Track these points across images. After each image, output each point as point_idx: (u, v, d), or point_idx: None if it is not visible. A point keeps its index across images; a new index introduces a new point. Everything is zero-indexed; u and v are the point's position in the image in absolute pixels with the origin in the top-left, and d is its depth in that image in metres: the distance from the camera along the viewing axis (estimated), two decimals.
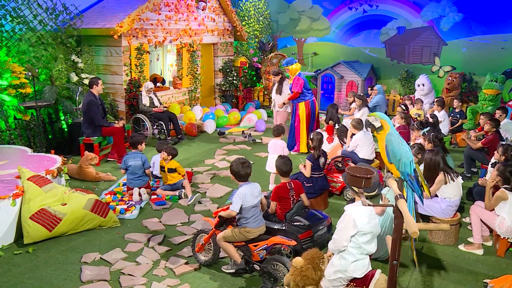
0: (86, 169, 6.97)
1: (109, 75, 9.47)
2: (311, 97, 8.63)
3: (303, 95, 8.50)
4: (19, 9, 8.04)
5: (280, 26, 14.61)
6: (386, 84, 12.84)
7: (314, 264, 3.25)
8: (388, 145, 2.61)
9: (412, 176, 2.60)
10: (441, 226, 2.21)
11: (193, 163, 8.05)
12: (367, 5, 12.76)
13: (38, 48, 8.30)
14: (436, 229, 2.36)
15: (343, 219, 3.10)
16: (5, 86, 7.81)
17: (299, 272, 3.22)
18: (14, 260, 4.67)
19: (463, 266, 4.65)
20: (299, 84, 8.39)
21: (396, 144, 2.63)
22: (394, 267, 2.26)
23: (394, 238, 2.19)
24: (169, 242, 5.09)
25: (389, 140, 2.63)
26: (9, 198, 4.98)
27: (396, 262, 2.22)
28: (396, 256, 2.20)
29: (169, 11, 10.29)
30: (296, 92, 8.41)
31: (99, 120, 7.76)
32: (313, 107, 8.63)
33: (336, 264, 3.20)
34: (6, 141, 7.61)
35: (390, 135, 2.64)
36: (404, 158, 2.59)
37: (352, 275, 3.17)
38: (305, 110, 8.53)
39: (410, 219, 2.09)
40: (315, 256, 3.30)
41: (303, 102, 8.52)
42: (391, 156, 2.60)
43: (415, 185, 2.60)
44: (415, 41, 12.23)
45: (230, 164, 4.31)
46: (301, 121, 8.57)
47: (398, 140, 2.66)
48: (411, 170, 2.61)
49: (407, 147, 2.65)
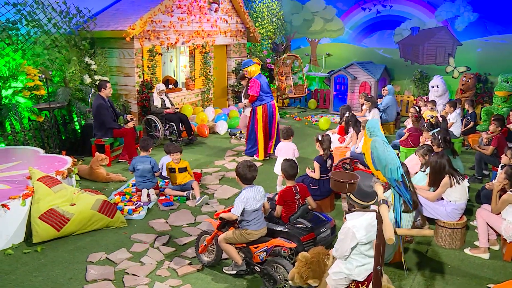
0: (96, 170, 7.09)
1: (122, 77, 9.62)
2: (270, 100, 8.16)
3: (260, 98, 8.07)
4: (34, 13, 8.21)
5: (293, 27, 14.61)
6: (400, 85, 12.74)
7: (320, 258, 3.32)
8: (373, 152, 2.62)
9: (400, 182, 2.59)
10: (424, 232, 2.20)
11: (203, 164, 8.12)
12: (380, 5, 12.67)
13: (52, 50, 8.47)
14: (419, 234, 2.35)
15: (343, 231, 3.13)
16: (20, 88, 8.01)
17: (304, 264, 3.30)
18: (22, 258, 4.79)
19: (468, 270, 4.60)
20: (255, 87, 7.98)
21: (381, 151, 2.62)
22: (378, 272, 2.26)
23: (378, 243, 2.19)
24: (174, 243, 5.15)
25: (373, 147, 2.62)
26: (19, 198, 5.11)
27: (380, 268, 2.22)
28: (380, 261, 2.20)
29: (181, 13, 10.39)
30: (252, 95, 8.04)
31: (110, 123, 7.89)
32: (271, 111, 8.16)
33: (342, 266, 3.25)
34: (21, 142, 7.80)
35: (375, 142, 2.64)
36: (390, 164, 2.59)
37: (355, 278, 3.21)
38: (262, 114, 8.12)
39: (388, 225, 2.10)
40: (321, 252, 3.39)
41: (260, 106, 8.11)
42: (377, 163, 2.60)
43: (403, 190, 2.59)
44: (429, 41, 12.10)
45: (237, 166, 4.33)
46: (259, 126, 8.16)
47: (383, 146, 2.65)
48: (399, 175, 2.61)
49: (393, 154, 2.65)
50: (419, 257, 4.85)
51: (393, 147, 8.32)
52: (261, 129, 8.16)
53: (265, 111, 8.13)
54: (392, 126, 10.40)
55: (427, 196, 5.11)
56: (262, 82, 8.12)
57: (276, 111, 8.28)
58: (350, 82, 12.29)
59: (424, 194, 5.15)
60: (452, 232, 5.00)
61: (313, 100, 13.85)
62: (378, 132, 2.71)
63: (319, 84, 14.42)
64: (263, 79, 8.22)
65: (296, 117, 12.41)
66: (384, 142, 2.70)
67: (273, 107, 8.20)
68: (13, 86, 7.95)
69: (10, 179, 5.65)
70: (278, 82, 13.21)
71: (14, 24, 7.94)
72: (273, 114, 8.22)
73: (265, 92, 8.12)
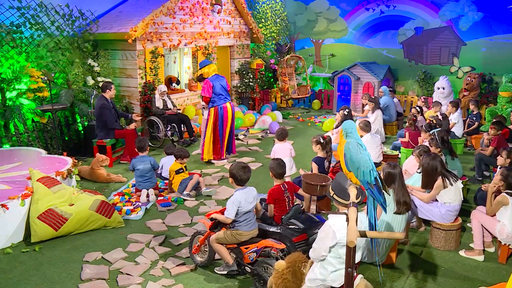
0: (97, 171, 7.17)
1: (124, 78, 9.72)
2: (222, 103, 7.94)
3: (212, 100, 7.92)
4: (38, 16, 8.33)
5: (297, 28, 14.63)
6: (404, 85, 12.70)
7: (296, 267, 3.29)
8: (346, 154, 2.63)
9: (372, 185, 2.60)
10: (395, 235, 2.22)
11: (203, 165, 8.17)
12: (384, 5, 12.65)
13: (56, 53, 8.59)
14: (389, 237, 2.37)
15: (323, 229, 3.09)
16: (24, 90, 8.13)
17: (280, 275, 3.26)
18: (21, 257, 4.88)
19: (461, 272, 4.59)
20: (206, 88, 7.83)
21: (355, 153, 2.64)
22: (349, 275, 2.27)
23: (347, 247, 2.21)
24: (169, 243, 5.21)
25: (347, 149, 2.64)
26: (18, 198, 5.21)
27: (351, 270, 2.24)
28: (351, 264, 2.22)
29: (183, 15, 10.46)
30: (204, 96, 7.92)
31: (112, 123, 7.98)
32: (221, 113, 7.96)
33: (316, 272, 3.20)
34: (25, 143, 7.93)
35: (349, 144, 2.65)
36: (363, 167, 2.60)
37: (331, 284, 3.16)
38: (212, 117, 7.97)
39: (352, 228, 2.11)
40: (297, 260, 3.33)
41: (212, 108, 7.96)
42: (350, 165, 2.61)
43: (376, 193, 2.60)
44: (433, 41, 12.05)
45: (230, 168, 4.33)
46: (208, 127, 8.02)
47: (356, 149, 2.66)
48: (371, 178, 2.62)
49: (367, 156, 2.66)
50: (412, 259, 4.84)
51: (394, 148, 8.32)
52: (209, 131, 8.01)
53: (215, 113, 7.95)
54: (395, 127, 10.38)
55: (421, 197, 5.11)
56: (215, 83, 7.90)
57: (228, 113, 8.02)
58: (353, 82, 12.28)
59: (418, 195, 5.15)
60: (447, 234, 4.99)
61: (317, 101, 13.85)
62: (354, 134, 2.72)
63: (323, 85, 14.43)
64: (218, 80, 7.98)
65: (299, 118, 12.43)
66: (358, 144, 2.71)
67: (224, 109, 7.97)
68: (17, 88, 8.07)
69: (10, 180, 5.75)
70: (281, 83, 13.24)
71: (18, 27, 8.07)
72: (224, 117, 8.00)
73: (217, 94, 7.91)
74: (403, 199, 4.40)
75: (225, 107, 7.99)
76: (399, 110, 10.85)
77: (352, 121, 2.84)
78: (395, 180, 4.46)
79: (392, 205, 4.42)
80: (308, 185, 2.48)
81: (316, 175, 2.62)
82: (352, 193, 2.51)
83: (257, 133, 10.69)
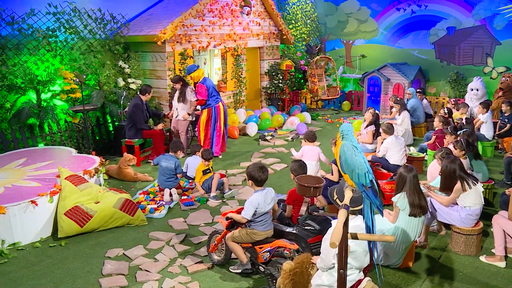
0: (124, 170, 7.40)
1: (154, 80, 9.96)
2: (215, 104, 8.53)
3: (207, 101, 8.48)
4: (72, 20, 8.68)
5: (328, 29, 14.55)
6: (435, 86, 12.43)
7: (303, 268, 3.32)
8: (341, 156, 2.65)
9: (368, 187, 2.60)
10: (386, 237, 2.21)
11: (229, 165, 8.28)
12: (415, 5, 12.41)
13: (88, 55, 8.91)
14: (380, 240, 2.37)
15: (327, 237, 3.08)
16: (58, 91, 8.48)
17: (288, 275, 3.30)
18: (48, 251, 5.12)
19: (480, 278, 4.49)
20: (203, 92, 8.35)
21: (349, 155, 2.65)
22: (341, 276, 2.29)
23: (340, 247, 2.23)
24: (189, 241, 5.33)
25: (342, 151, 2.66)
26: (47, 195, 5.46)
27: (343, 271, 2.25)
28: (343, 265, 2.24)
29: (213, 17, 10.62)
30: (201, 99, 8.42)
31: (141, 124, 8.22)
32: (215, 114, 8.54)
33: (323, 278, 3.20)
34: (58, 143, 8.27)
35: (344, 146, 2.67)
36: (358, 169, 2.61)
37: None
38: (205, 117, 8.53)
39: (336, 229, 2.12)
40: (305, 261, 3.36)
41: (206, 109, 8.52)
42: (345, 167, 2.62)
43: (371, 195, 2.60)
44: (466, 41, 11.72)
45: (248, 169, 4.36)
46: (200, 127, 8.58)
47: (351, 151, 2.67)
48: (366, 181, 2.62)
49: (362, 159, 2.66)
50: (430, 263, 4.78)
51: (421, 150, 8.18)
52: (202, 130, 8.57)
53: (209, 114, 8.53)
54: (423, 129, 10.18)
55: (441, 200, 5.02)
56: (208, 85, 8.42)
57: (221, 113, 8.60)
58: (383, 83, 12.12)
59: (438, 198, 5.07)
60: (467, 238, 4.89)
61: (347, 102, 13.75)
62: (351, 137, 2.73)
63: (353, 86, 14.30)
64: (208, 82, 8.50)
65: (328, 119, 12.38)
66: (354, 147, 2.72)
67: (217, 109, 8.55)
68: (51, 90, 8.42)
69: (41, 177, 6.03)
70: (310, 84, 13.21)
71: (54, 32, 8.42)
72: (217, 116, 8.58)
73: (211, 95, 8.46)
74: (417, 202, 4.35)
75: (218, 106, 8.59)
76: (429, 112, 10.62)
77: (349, 124, 2.85)
78: (406, 182, 4.41)
79: (408, 208, 4.38)
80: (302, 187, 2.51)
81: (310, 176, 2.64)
82: (346, 195, 2.53)
83: (285, 134, 10.73)
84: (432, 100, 12.08)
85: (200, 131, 8.63)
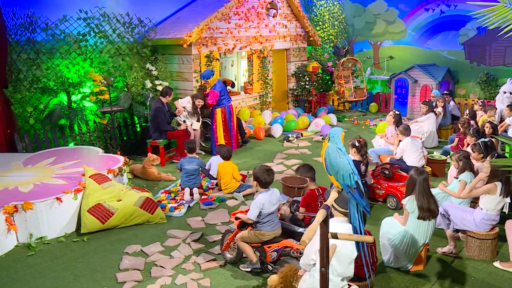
0: (148, 169, 7.64)
1: (181, 82, 10.21)
2: (227, 103, 9.10)
3: (219, 101, 8.97)
4: (101, 25, 9.03)
5: (355, 30, 14.48)
6: (465, 87, 12.16)
7: (287, 282, 3.38)
8: (326, 158, 2.70)
9: (353, 188, 2.65)
10: (365, 238, 2.24)
11: (251, 166, 8.40)
12: (444, 5, 12.20)
13: (116, 58, 9.24)
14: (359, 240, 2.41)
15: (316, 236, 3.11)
16: (88, 93, 8.83)
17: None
18: (71, 246, 5.39)
19: (493, 284, 4.43)
20: (214, 97, 8.86)
21: (334, 157, 2.70)
22: (324, 274, 2.35)
23: (321, 246, 2.29)
24: (205, 239, 5.49)
25: (327, 153, 2.71)
26: (71, 192, 5.74)
27: (324, 270, 2.31)
28: (325, 263, 2.29)
29: (238, 20, 10.78)
30: (210, 103, 8.93)
31: (164, 125, 8.46)
32: (229, 112, 9.11)
33: (306, 280, 3.24)
34: (87, 143, 8.62)
35: (328, 148, 2.72)
36: (342, 171, 2.66)
37: None
38: (221, 116, 9.03)
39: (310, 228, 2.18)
40: (289, 274, 3.42)
41: (219, 108, 9.03)
42: (329, 168, 2.68)
43: (357, 196, 2.65)
44: (497, 41, 11.42)
45: (254, 170, 4.53)
46: (218, 126, 9.07)
47: (335, 153, 2.72)
48: (351, 182, 2.67)
49: (346, 160, 2.71)
50: (442, 266, 4.75)
51: (444, 152, 8.06)
52: (220, 128, 9.09)
53: (223, 113, 9.07)
54: (450, 130, 10.00)
55: (457, 193, 5.02)
56: (219, 88, 8.94)
57: (233, 112, 9.24)
58: (410, 85, 11.96)
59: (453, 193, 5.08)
60: (481, 243, 4.82)
61: (374, 104, 13.63)
62: (336, 139, 2.79)
63: (381, 88, 14.16)
64: (218, 86, 8.99)
65: (354, 121, 12.32)
66: (338, 149, 2.77)
67: (230, 108, 9.16)
68: (81, 92, 8.78)
69: (67, 176, 6.33)
70: (337, 86, 13.18)
71: (84, 36, 8.78)
72: (231, 115, 9.17)
73: (223, 96, 9.05)
74: (427, 206, 4.34)
75: (230, 105, 9.20)
76: (456, 114, 10.42)
77: (338, 128, 2.91)
78: (416, 185, 4.40)
79: (416, 211, 4.37)
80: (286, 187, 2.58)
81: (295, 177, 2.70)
82: (331, 196, 2.59)
83: (310, 135, 10.77)
84: (461, 102, 11.84)
85: (219, 131, 9.06)
